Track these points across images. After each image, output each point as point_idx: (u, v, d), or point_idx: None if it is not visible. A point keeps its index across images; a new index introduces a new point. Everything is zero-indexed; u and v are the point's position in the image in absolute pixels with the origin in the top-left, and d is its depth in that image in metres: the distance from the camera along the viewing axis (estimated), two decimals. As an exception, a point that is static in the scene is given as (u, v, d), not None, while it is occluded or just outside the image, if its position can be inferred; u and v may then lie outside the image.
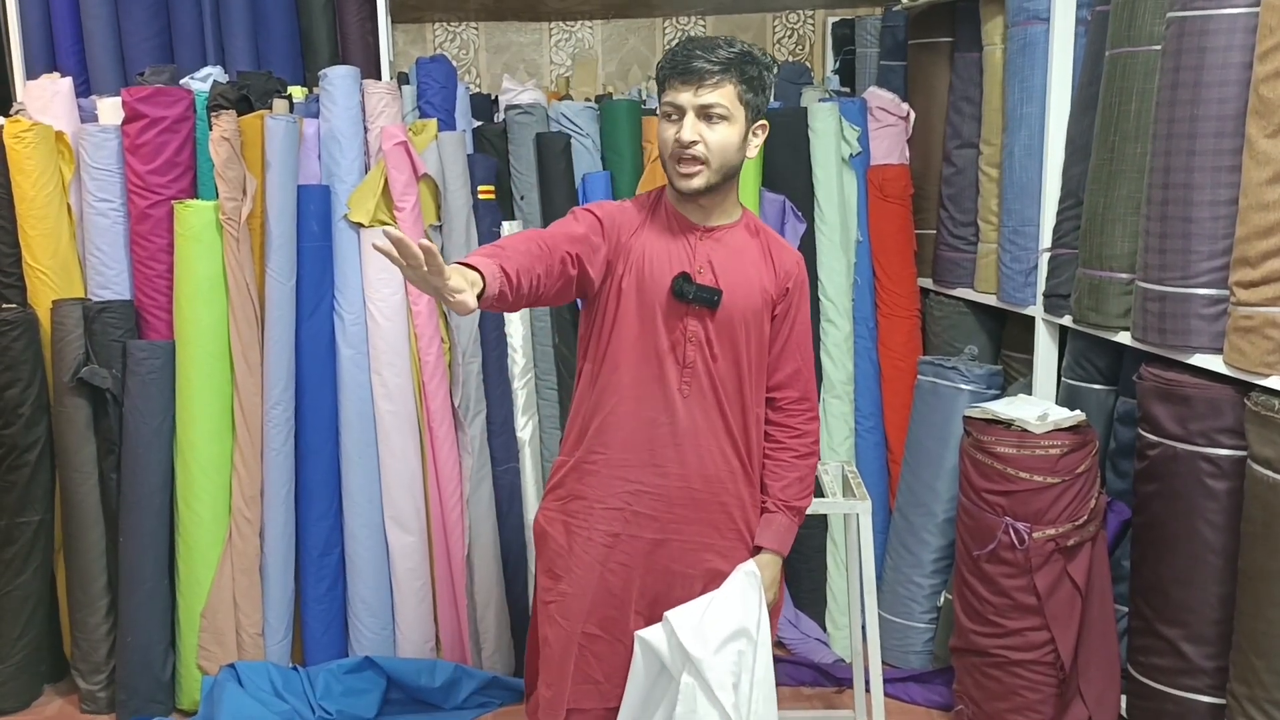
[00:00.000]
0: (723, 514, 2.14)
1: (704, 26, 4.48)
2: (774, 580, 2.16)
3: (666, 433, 2.10)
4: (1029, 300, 3.20)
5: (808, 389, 2.19)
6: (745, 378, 2.12)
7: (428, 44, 4.40)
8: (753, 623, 2.06)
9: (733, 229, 2.13)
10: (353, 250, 3.32)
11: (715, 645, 2.02)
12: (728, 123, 2.00)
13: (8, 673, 3.31)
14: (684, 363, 2.08)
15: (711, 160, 2.00)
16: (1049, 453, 2.71)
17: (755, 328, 2.11)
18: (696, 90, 1.97)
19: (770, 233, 2.20)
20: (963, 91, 3.51)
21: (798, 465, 2.17)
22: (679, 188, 2.04)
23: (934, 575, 3.37)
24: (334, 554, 3.36)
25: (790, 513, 2.18)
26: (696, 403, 2.09)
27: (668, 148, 2.03)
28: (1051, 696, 2.78)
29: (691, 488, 2.12)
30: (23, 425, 3.27)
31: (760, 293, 2.10)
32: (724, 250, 2.10)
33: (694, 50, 1.99)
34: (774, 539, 2.15)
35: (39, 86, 3.40)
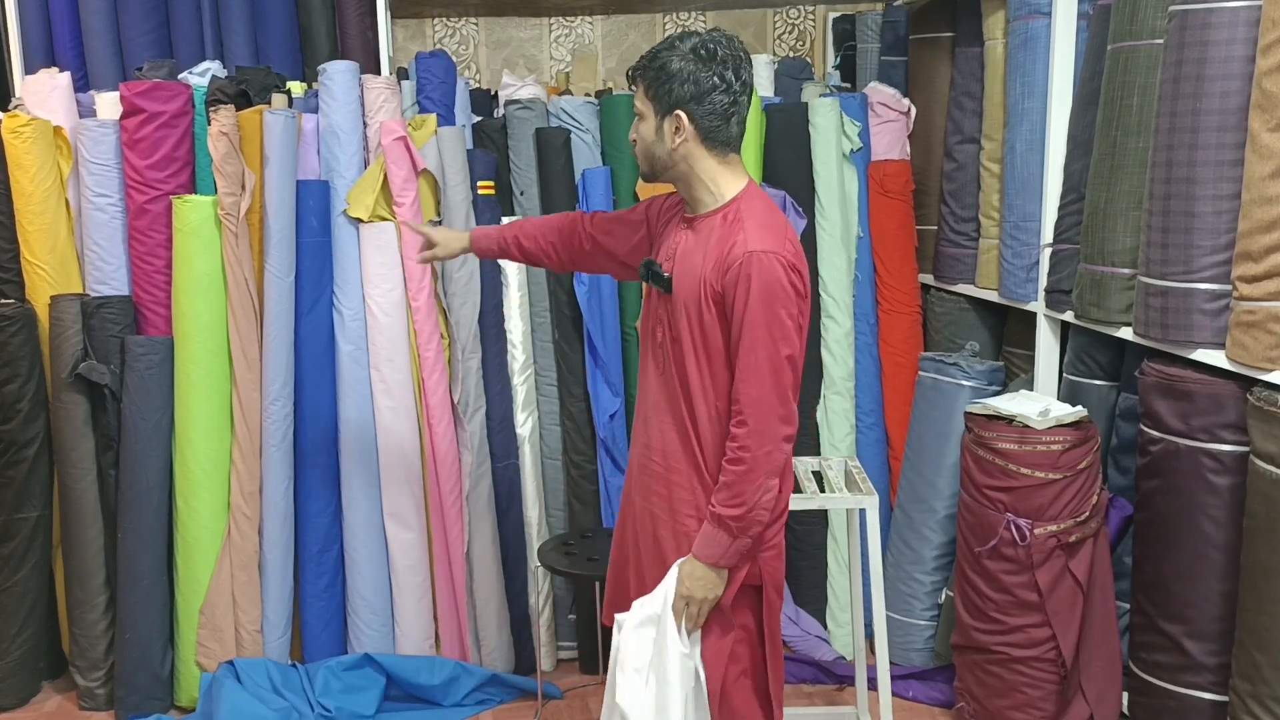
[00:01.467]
0: (668, 492, 2.16)
1: (704, 21, 4.47)
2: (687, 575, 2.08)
3: (645, 405, 2.24)
4: (1030, 296, 3.19)
5: (744, 391, 2.02)
6: (690, 367, 2.09)
7: (427, 39, 4.39)
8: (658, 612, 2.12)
9: (709, 218, 2.12)
10: (352, 246, 3.31)
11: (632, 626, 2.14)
12: (642, 120, 2.12)
13: (6, 669, 3.30)
14: (655, 342, 2.19)
15: (639, 153, 2.15)
16: (1050, 448, 2.70)
17: (695, 315, 2.07)
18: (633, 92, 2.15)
19: (745, 221, 2.06)
20: (964, 87, 3.50)
21: (724, 469, 2.05)
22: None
23: (935, 572, 3.36)
24: (333, 550, 3.35)
25: (712, 520, 2.06)
26: (664, 382, 2.17)
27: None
28: (1053, 693, 2.77)
29: (651, 460, 2.19)
30: (21, 421, 3.27)
31: (699, 282, 2.06)
32: (692, 240, 2.13)
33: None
34: (697, 542, 2.09)
35: (37, 81, 3.40)
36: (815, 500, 2.74)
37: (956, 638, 2.95)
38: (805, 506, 2.77)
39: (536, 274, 3.46)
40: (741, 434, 2.02)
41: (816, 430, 3.55)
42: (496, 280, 3.41)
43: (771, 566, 2.17)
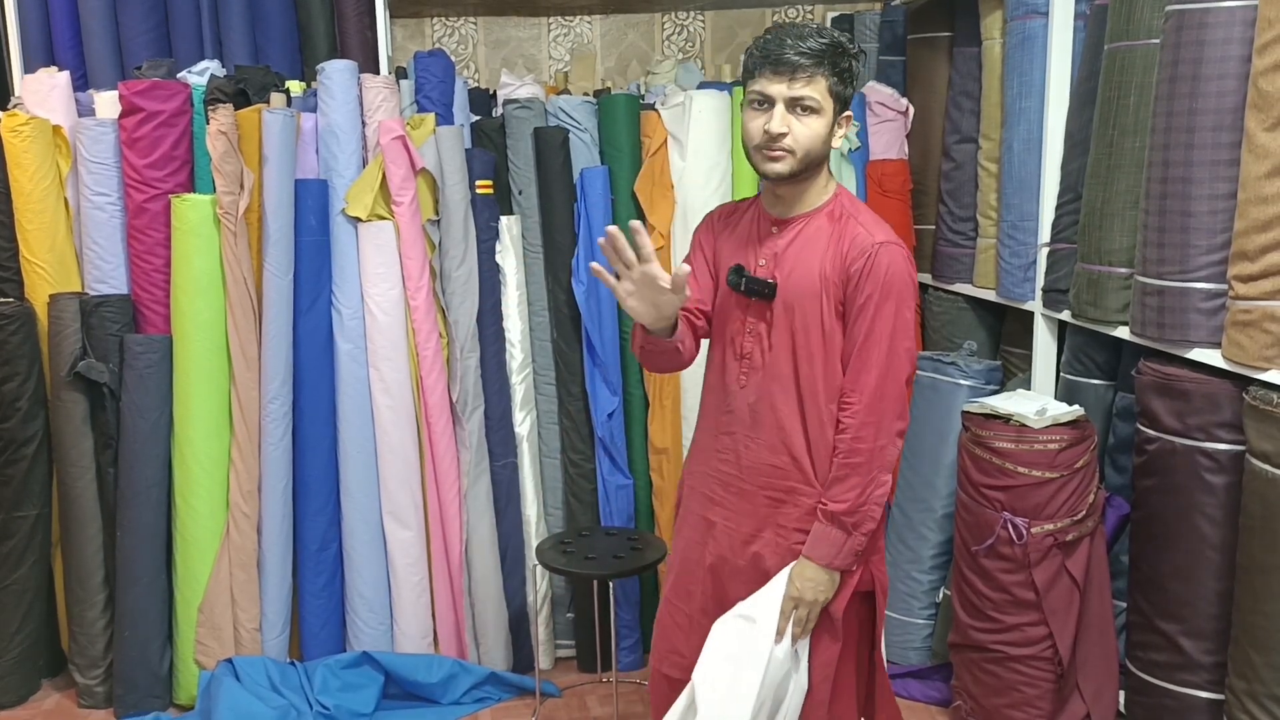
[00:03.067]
0: (769, 508, 2.10)
1: (703, 22, 4.47)
2: (799, 577, 2.04)
3: (725, 421, 2.15)
4: (1028, 295, 3.19)
5: (862, 383, 2.00)
6: (804, 369, 2.04)
7: (426, 39, 4.40)
8: (757, 612, 2.07)
9: (812, 217, 2.07)
10: (351, 245, 3.31)
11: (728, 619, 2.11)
12: (817, 115, 1.99)
13: (5, 667, 3.31)
14: (740, 354, 2.11)
15: (798, 150, 1.99)
16: (1047, 448, 2.71)
17: (814, 315, 2.02)
18: (790, 82, 1.96)
19: (859, 217, 2.06)
20: (962, 86, 3.51)
21: (835, 463, 2.03)
22: (764, 172, 2.03)
23: (933, 571, 3.37)
24: (332, 549, 3.35)
25: (825, 517, 2.03)
26: (752, 394, 2.10)
27: (755, 137, 2.01)
28: (1050, 692, 2.78)
29: (740, 478, 2.14)
30: (20, 419, 3.27)
31: (819, 278, 2.02)
32: (795, 240, 2.06)
33: (786, 40, 1.97)
34: (808, 545, 2.05)
35: (37, 80, 3.40)
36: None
37: (954, 636, 2.96)
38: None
39: (535, 273, 3.46)
40: (855, 425, 2.01)
41: (814, 429, 3.55)
42: (495, 279, 3.42)
43: (880, 571, 2.16)
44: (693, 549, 2.22)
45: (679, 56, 4.42)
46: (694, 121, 3.41)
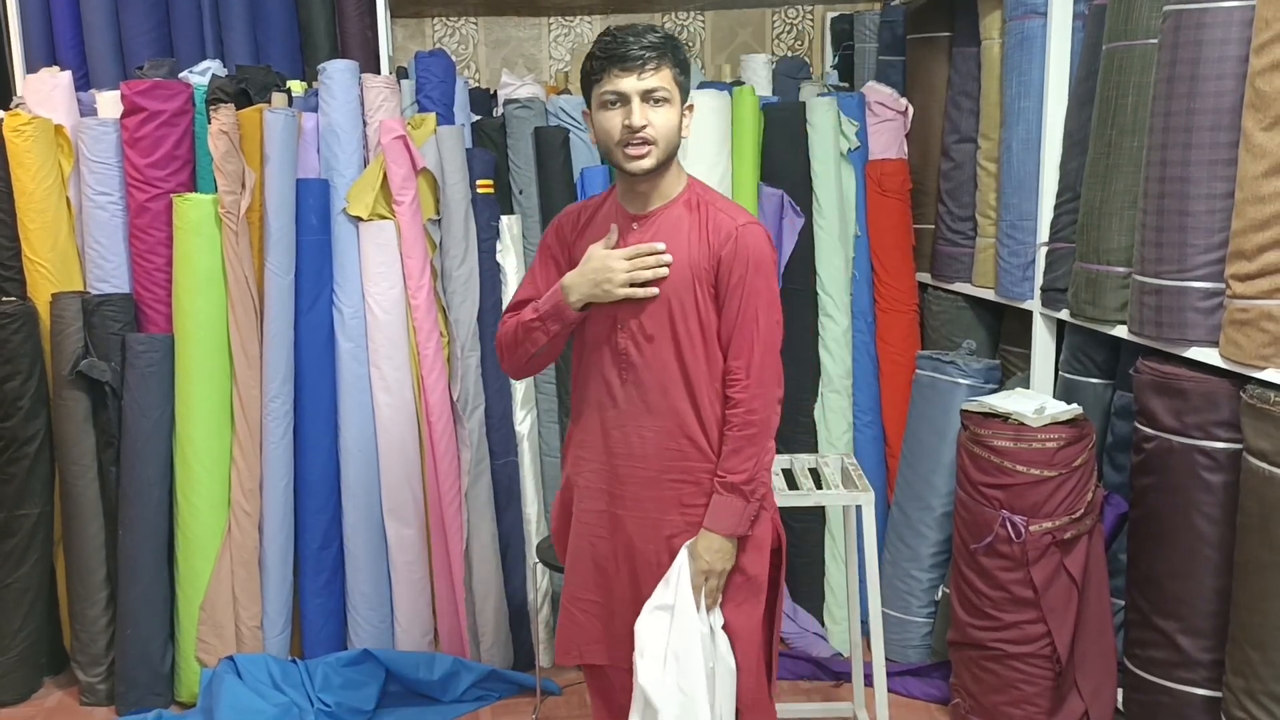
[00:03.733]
0: (673, 493, 2.16)
1: (703, 22, 4.48)
2: (706, 549, 2.12)
3: (611, 417, 2.18)
4: (1027, 295, 3.20)
5: (749, 359, 2.10)
6: (686, 355, 2.11)
7: (427, 39, 4.41)
8: (672, 598, 2.13)
9: (669, 208, 2.14)
10: (351, 244, 3.32)
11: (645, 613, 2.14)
12: (669, 105, 2.07)
13: (7, 665, 3.32)
14: (617, 350, 2.15)
15: (659, 141, 2.06)
16: (1046, 446, 2.72)
17: (690, 302, 2.10)
18: (639, 75, 2.03)
19: (715, 202, 2.16)
20: (961, 86, 3.51)
21: (730, 437, 2.11)
22: (631, 169, 2.07)
23: (932, 570, 3.38)
24: (333, 547, 3.37)
25: (725, 489, 2.11)
26: (635, 388, 2.15)
27: (616, 134, 2.06)
28: (1048, 689, 2.79)
29: (638, 469, 2.17)
30: (22, 418, 3.28)
31: (689, 266, 2.10)
32: (656, 232, 2.13)
33: (627, 38, 2.04)
34: (708, 517, 2.13)
35: (39, 80, 3.41)
36: (812, 497, 2.75)
37: (953, 634, 2.97)
38: (802, 503, 2.78)
39: (535, 272, 3.47)
40: (746, 398, 2.10)
41: (814, 428, 3.57)
42: (495, 278, 3.43)
43: (779, 525, 2.25)
44: (601, 544, 2.24)
45: (679, 56, 4.43)
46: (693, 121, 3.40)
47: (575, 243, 2.23)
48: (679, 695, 2.10)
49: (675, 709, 2.10)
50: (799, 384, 3.58)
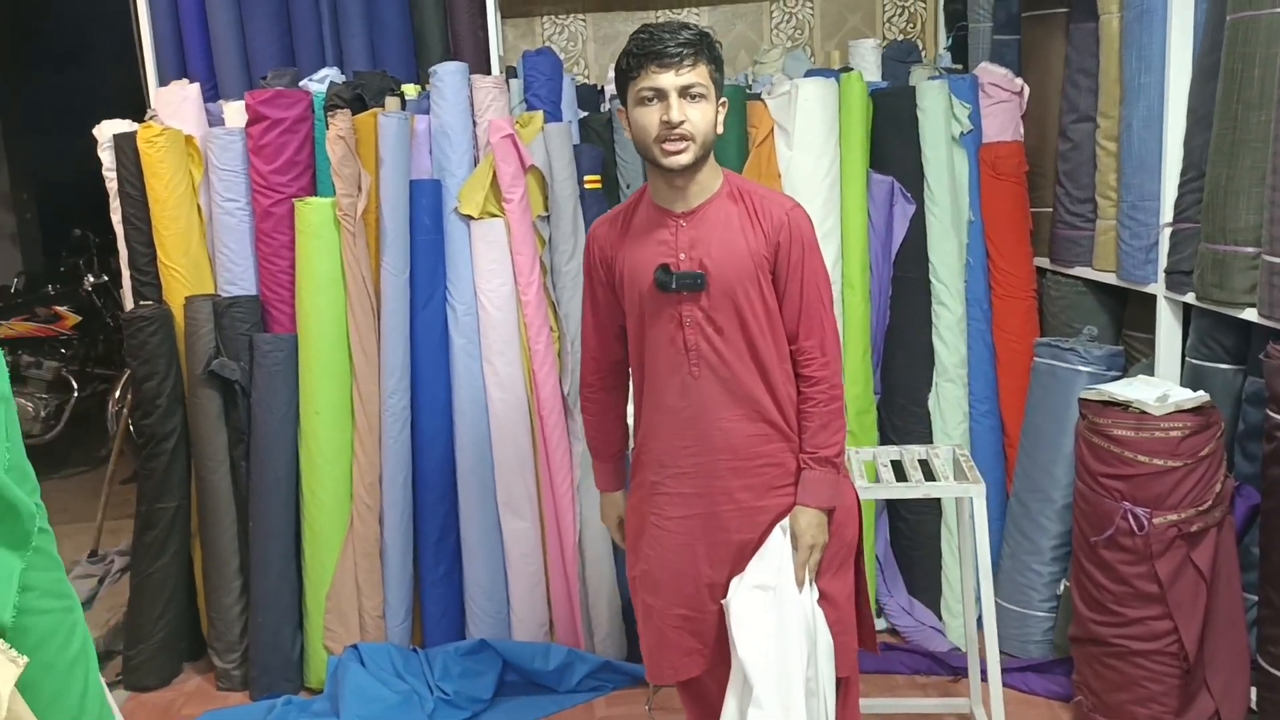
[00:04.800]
0: (764, 477, 2.20)
1: (812, 9, 4.43)
2: (808, 526, 2.18)
3: (685, 416, 2.20)
4: (1150, 278, 3.08)
5: (821, 337, 2.18)
6: (758, 342, 2.16)
7: (537, 38, 4.46)
8: (773, 577, 2.15)
9: (712, 202, 2.16)
10: (463, 242, 3.39)
11: (741, 592, 2.17)
12: (706, 100, 2.08)
13: (149, 651, 3.49)
14: (686, 347, 2.17)
15: (697, 136, 2.07)
16: (1169, 435, 2.62)
17: (755, 291, 2.14)
18: (677, 71, 2.04)
19: (756, 192, 2.20)
20: (1079, 63, 3.40)
21: (816, 414, 2.18)
22: (669, 165, 2.08)
23: (1053, 563, 3.28)
24: (450, 539, 3.45)
25: (818, 464, 2.18)
26: (709, 380, 2.17)
27: (652, 131, 2.07)
28: (1175, 688, 2.68)
29: (722, 460, 2.19)
30: (160, 416, 3.45)
31: (750, 256, 2.13)
32: (705, 228, 2.15)
33: (663, 35, 2.05)
34: (803, 493, 2.19)
35: (169, 93, 3.56)
36: (920, 489, 2.70)
37: (1074, 630, 2.88)
38: (910, 495, 2.74)
39: (644, 266, 3.49)
40: (827, 375, 2.19)
41: (928, 418, 3.50)
42: (604, 273, 3.46)
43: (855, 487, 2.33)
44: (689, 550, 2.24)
45: (787, 45, 4.39)
46: (800, 110, 3.38)
47: (616, 256, 2.25)
48: (777, 674, 2.12)
49: (773, 689, 2.12)
50: (912, 374, 3.53)
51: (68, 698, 1.31)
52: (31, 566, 1.28)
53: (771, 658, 2.13)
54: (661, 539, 2.27)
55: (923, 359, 3.52)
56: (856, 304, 3.45)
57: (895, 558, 3.60)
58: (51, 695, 1.29)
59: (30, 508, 1.28)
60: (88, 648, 1.37)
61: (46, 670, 1.29)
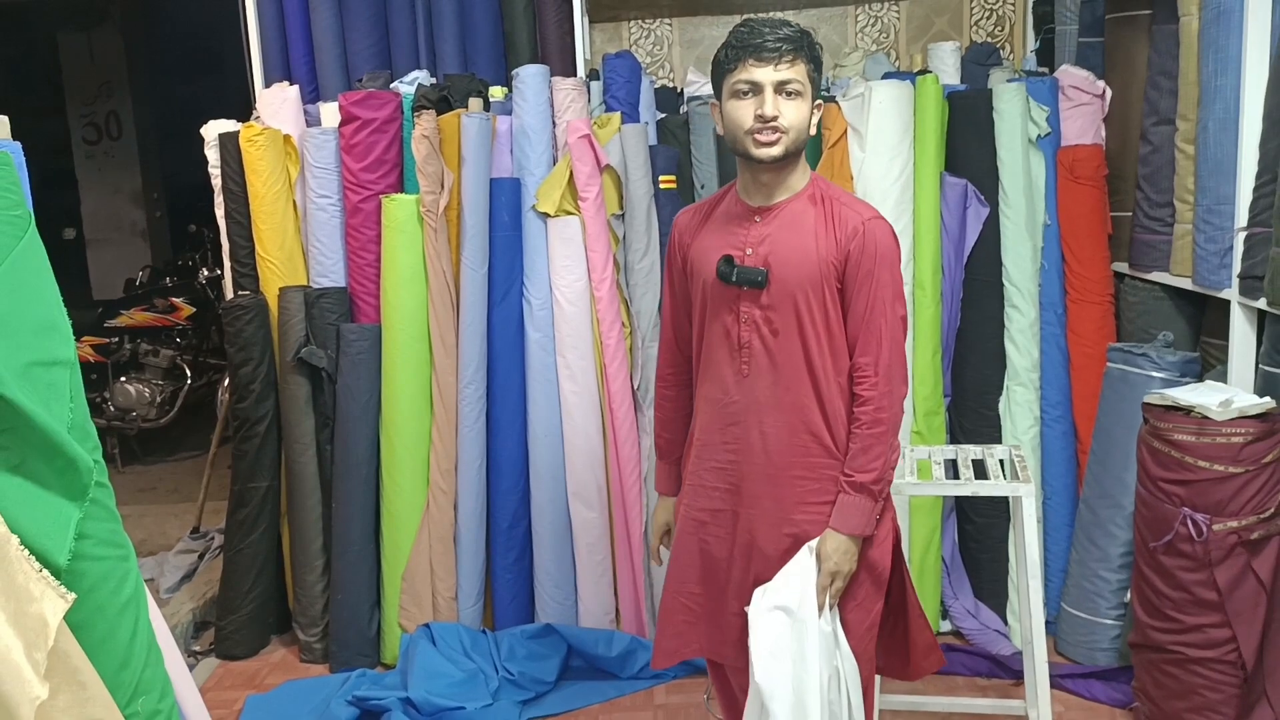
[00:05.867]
0: (795, 489, 2.16)
1: (897, 12, 4.43)
2: (834, 551, 2.11)
3: (731, 412, 2.19)
4: (1224, 283, 3.02)
5: (877, 355, 2.11)
6: (813, 349, 2.12)
7: (624, 41, 4.56)
8: (794, 600, 2.10)
9: (793, 201, 2.15)
10: (540, 239, 3.50)
11: (762, 611, 2.12)
12: (801, 98, 2.08)
13: (239, 622, 3.69)
14: (740, 343, 2.15)
15: (790, 131, 2.07)
16: (1231, 440, 2.58)
17: (817, 297, 2.10)
18: (775, 67, 2.04)
19: (839, 198, 2.15)
20: (1160, 66, 3.34)
21: (858, 435, 2.11)
22: (760, 156, 2.08)
23: (1121, 570, 3.24)
24: (521, 526, 3.56)
25: (853, 489, 2.11)
26: (758, 381, 2.15)
27: (747, 122, 2.07)
28: (1233, 697, 2.64)
29: (758, 464, 2.17)
30: (254, 400, 3.64)
31: (818, 262, 2.10)
32: (780, 226, 2.13)
33: (764, 29, 2.05)
34: (834, 517, 2.12)
35: (271, 95, 3.76)
36: (968, 487, 2.71)
37: (1134, 636, 2.85)
38: (957, 493, 2.75)
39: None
40: (875, 396, 2.10)
41: (998, 421, 3.49)
42: (676, 271, 3.53)
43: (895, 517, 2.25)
44: (717, 544, 2.24)
45: (872, 49, 4.41)
46: (873, 112, 3.41)
47: (691, 244, 2.25)
48: (793, 698, 2.10)
49: (789, 712, 2.10)
50: (983, 377, 3.52)
51: (117, 639, 1.44)
52: (89, 516, 1.41)
53: (789, 683, 2.10)
54: (687, 524, 2.29)
55: (994, 362, 3.51)
56: (927, 305, 3.46)
57: (963, 560, 3.59)
58: (102, 636, 1.42)
59: (89, 463, 1.42)
60: (139, 594, 1.50)
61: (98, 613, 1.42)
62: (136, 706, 1.44)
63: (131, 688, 1.44)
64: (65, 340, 1.46)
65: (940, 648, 2.39)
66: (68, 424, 1.42)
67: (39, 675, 1.21)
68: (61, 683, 1.27)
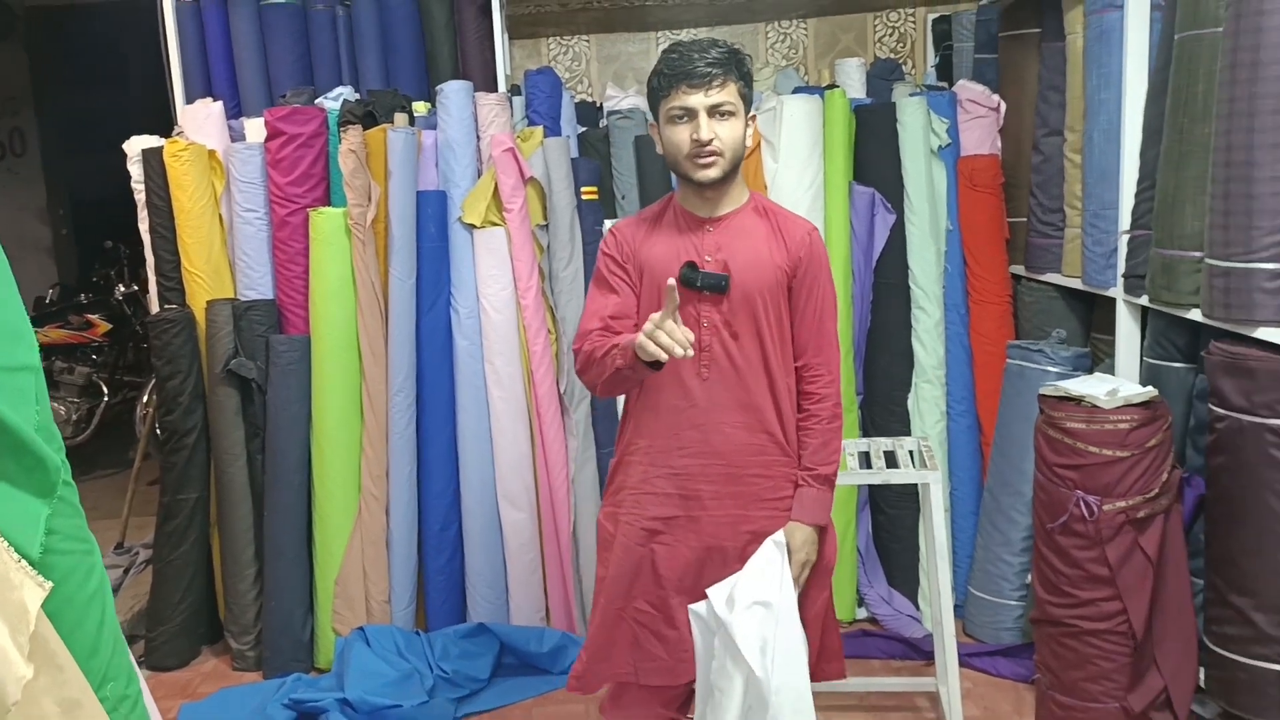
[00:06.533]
0: (754, 488, 2.25)
1: (805, 29, 4.62)
2: (804, 543, 2.23)
3: (689, 417, 2.25)
4: (1110, 282, 3.25)
5: (828, 356, 2.25)
6: (770, 352, 2.22)
7: (543, 57, 4.68)
8: (774, 593, 2.17)
9: (739, 213, 2.25)
10: (466, 250, 3.60)
11: (740, 609, 2.15)
12: (735, 118, 2.16)
13: (169, 634, 3.71)
14: (701, 347, 2.19)
15: (726, 152, 2.15)
16: (1118, 427, 2.78)
17: (773, 303, 2.21)
18: (706, 91, 2.11)
19: (779, 211, 2.29)
20: (1050, 80, 3.58)
21: (818, 430, 2.24)
22: (699, 179, 2.17)
23: (1022, 554, 3.45)
24: (452, 529, 3.64)
25: (816, 481, 2.24)
26: (718, 383, 2.22)
27: (684, 148, 2.15)
28: (1126, 665, 2.84)
29: (718, 465, 2.24)
30: (182, 412, 3.67)
31: (773, 269, 2.21)
32: (732, 235, 2.23)
33: (693, 55, 2.12)
34: (800, 510, 2.24)
35: (194, 110, 3.80)
36: (880, 476, 2.88)
37: (1035, 612, 3.04)
38: (870, 482, 2.93)
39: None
40: (831, 393, 2.26)
41: (907, 417, 3.68)
42: (599, 279, 3.66)
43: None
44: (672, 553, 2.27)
45: (782, 64, 4.59)
46: (785, 125, 3.58)
47: (640, 249, 2.28)
48: (794, 692, 2.15)
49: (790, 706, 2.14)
50: (892, 375, 3.70)
51: (85, 628, 1.51)
52: (56, 513, 1.49)
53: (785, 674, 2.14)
54: (636, 537, 2.29)
55: (902, 361, 3.70)
56: (839, 308, 3.63)
57: (877, 551, 3.76)
58: (71, 625, 1.49)
59: (56, 461, 1.49)
60: (104, 587, 1.57)
61: (67, 603, 1.49)
62: (106, 692, 1.51)
63: (101, 674, 1.51)
64: (30, 346, 1.53)
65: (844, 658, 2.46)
66: (34, 425, 1.49)
67: (23, 656, 1.29)
68: (41, 665, 1.34)
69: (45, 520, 1.47)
